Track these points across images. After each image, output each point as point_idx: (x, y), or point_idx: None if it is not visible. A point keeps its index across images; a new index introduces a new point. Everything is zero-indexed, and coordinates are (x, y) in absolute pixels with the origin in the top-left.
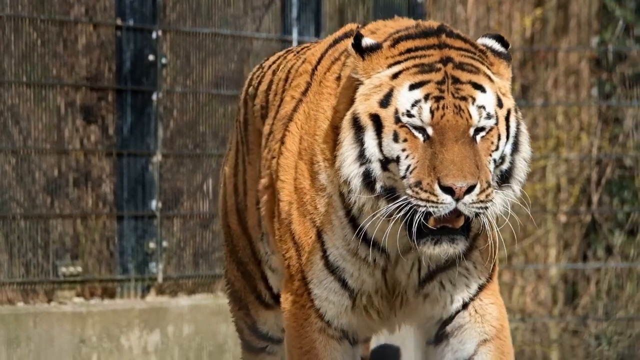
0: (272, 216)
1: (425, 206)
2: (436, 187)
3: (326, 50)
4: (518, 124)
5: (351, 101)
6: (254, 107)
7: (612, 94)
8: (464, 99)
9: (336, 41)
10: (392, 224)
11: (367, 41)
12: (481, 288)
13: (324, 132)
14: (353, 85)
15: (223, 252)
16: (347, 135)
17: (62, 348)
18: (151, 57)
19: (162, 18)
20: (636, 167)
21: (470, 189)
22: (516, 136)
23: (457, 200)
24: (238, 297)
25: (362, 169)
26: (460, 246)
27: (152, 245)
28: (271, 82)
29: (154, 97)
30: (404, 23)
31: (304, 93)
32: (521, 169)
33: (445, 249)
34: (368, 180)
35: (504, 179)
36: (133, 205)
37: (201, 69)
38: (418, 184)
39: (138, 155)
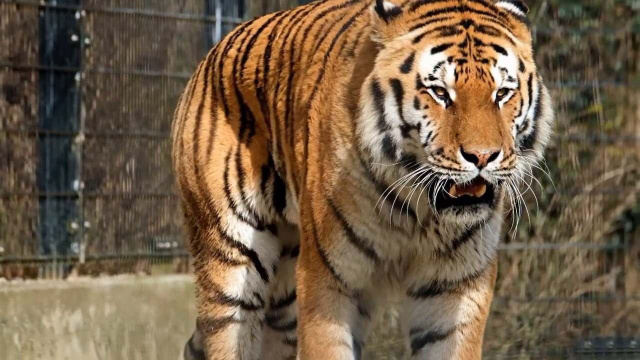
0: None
1: (447, 174)
2: (459, 154)
3: (337, 36)
4: (540, 88)
5: (371, 66)
6: (243, 69)
7: None
8: (485, 61)
9: (345, 26)
10: (413, 192)
11: (388, 5)
12: (494, 249)
13: (338, 110)
14: (373, 50)
15: (186, 229)
16: (366, 101)
17: None
18: (74, 38)
19: None
20: (559, 149)
21: (493, 156)
22: (538, 100)
23: (480, 167)
24: (202, 273)
25: (382, 135)
26: (483, 214)
27: (74, 225)
28: (269, 47)
29: (77, 77)
30: None
31: (318, 81)
32: (544, 133)
33: (467, 219)
34: (388, 147)
35: (527, 144)
36: (55, 185)
37: (124, 49)
38: (440, 151)
39: (61, 135)
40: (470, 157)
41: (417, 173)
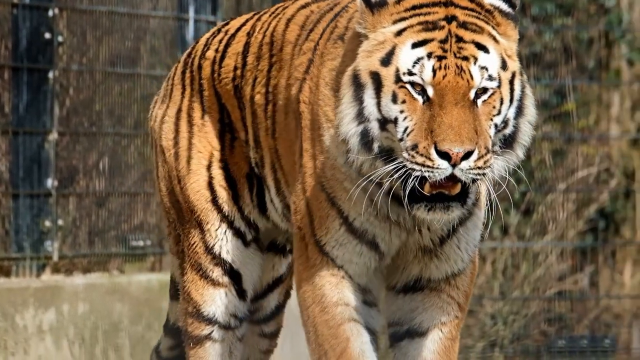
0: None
1: (420, 170)
2: (432, 151)
3: (328, 25)
4: (523, 87)
5: (355, 57)
6: (220, 69)
7: None
8: (465, 59)
9: (337, 15)
10: (386, 186)
11: None
12: (475, 246)
13: (325, 94)
14: (357, 41)
15: (169, 233)
16: (346, 92)
17: None
18: (47, 35)
19: None
20: (532, 147)
21: (467, 155)
22: (520, 99)
23: (454, 165)
24: (184, 287)
25: (360, 127)
26: (455, 213)
27: (47, 223)
28: (247, 43)
29: (50, 75)
30: None
31: (307, 71)
32: (526, 133)
33: (439, 216)
34: (366, 140)
35: (508, 143)
36: (29, 183)
37: (97, 47)
38: (414, 147)
39: (34, 133)
40: (444, 155)
41: (393, 167)
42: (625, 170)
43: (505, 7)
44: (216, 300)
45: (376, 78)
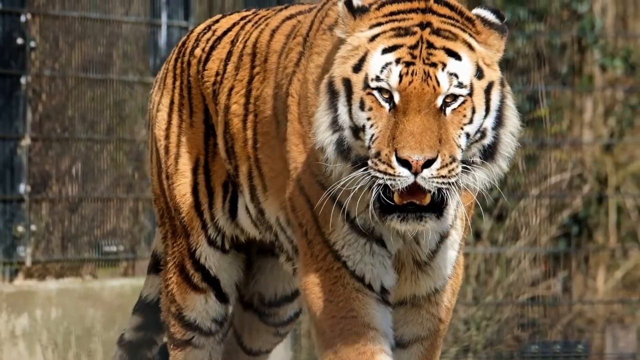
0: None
1: (383, 178)
2: (393, 159)
3: (315, 16)
4: (503, 98)
5: (333, 62)
6: (204, 71)
7: None
8: (433, 65)
9: (324, 4)
10: (361, 196)
11: (357, 1)
12: (454, 261)
13: (312, 92)
14: (337, 46)
15: (160, 233)
16: (322, 100)
17: None
18: (20, 41)
19: (31, 1)
20: None
21: (429, 163)
22: (500, 110)
23: (416, 174)
24: (167, 284)
25: (336, 136)
26: (429, 224)
27: (20, 228)
28: (230, 52)
29: (23, 80)
30: None
31: (297, 64)
32: (507, 144)
33: (412, 226)
34: (342, 149)
35: (488, 154)
36: (1, 188)
37: (70, 52)
38: (377, 154)
39: (7, 138)
40: (404, 163)
41: (360, 175)
42: (598, 176)
43: (490, 17)
44: (197, 306)
45: (348, 85)
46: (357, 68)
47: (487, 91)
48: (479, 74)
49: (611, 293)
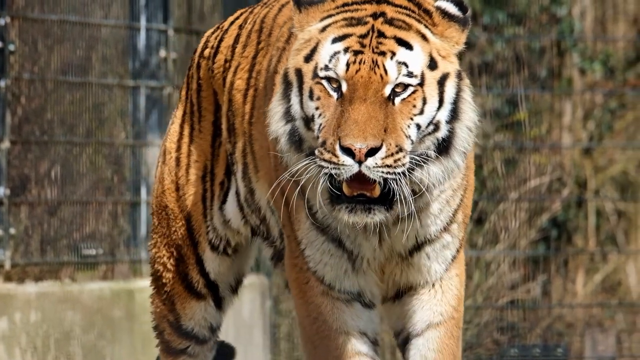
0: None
1: (328, 167)
2: (337, 147)
3: None
4: (459, 90)
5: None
6: (213, 65)
7: None
8: (382, 53)
9: None
10: (317, 187)
11: None
12: (453, 259)
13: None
14: (292, 40)
15: (152, 239)
16: (278, 91)
17: None
18: None
19: (10, 4)
20: (483, 156)
21: (372, 152)
22: (455, 103)
23: (360, 162)
24: (165, 290)
25: (288, 127)
26: (378, 216)
27: None
28: (238, 35)
29: (2, 83)
30: None
31: (287, 41)
32: (463, 138)
33: (360, 218)
34: (294, 139)
35: (443, 148)
36: None
37: (49, 55)
38: (323, 143)
39: None
40: (347, 151)
41: (305, 164)
42: (578, 179)
43: (451, 9)
44: (196, 315)
45: (299, 75)
46: (308, 58)
47: (441, 83)
48: (433, 65)
49: (590, 296)
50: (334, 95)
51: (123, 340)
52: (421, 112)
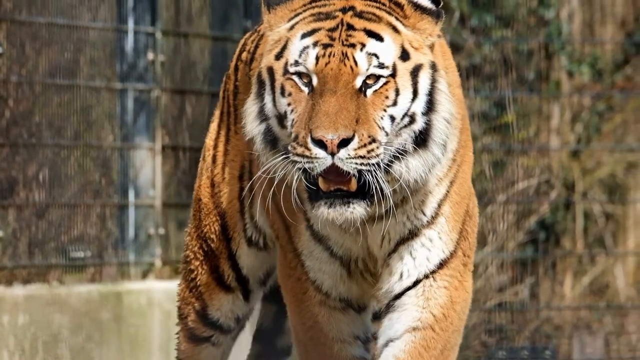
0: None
1: (302, 162)
2: (309, 140)
3: None
4: (433, 81)
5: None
6: (250, 71)
7: None
8: (352, 45)
9: None
10: (292, 184)
11: None
12: (443, 264)
13: None
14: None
15: (188, 227)
16: (253, 91)
17: None
18: None
19: None
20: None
21: (345, 143)
22: (430, 94)
23: (333, 155)
24: (192, 277)
25: (263, 126)
26: (358, 210)
27: None
28: None
29: None
30: None
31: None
32: (440, 130)
33: (339, 213)
34: (269, 138)
35: (421, 140)
36: None
37: (37, 58)
38: (295, 138)
39: None
40: (319, 143)
41: (279, 160)
42: (566, 182)
43: (423, 1)
44: (224, 306)
45: (271, 73)
46: (278, 56)
47: (414, 74)
48: (405, 56)
49: (578, 299)
50: (305, 90)
51: (111, 342)
52: (394, 104)
